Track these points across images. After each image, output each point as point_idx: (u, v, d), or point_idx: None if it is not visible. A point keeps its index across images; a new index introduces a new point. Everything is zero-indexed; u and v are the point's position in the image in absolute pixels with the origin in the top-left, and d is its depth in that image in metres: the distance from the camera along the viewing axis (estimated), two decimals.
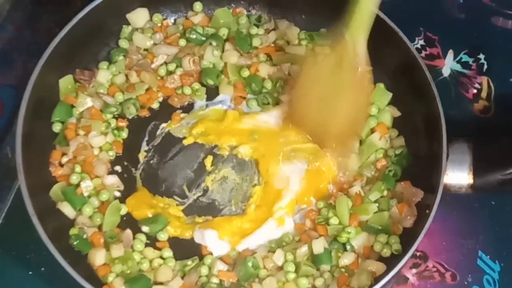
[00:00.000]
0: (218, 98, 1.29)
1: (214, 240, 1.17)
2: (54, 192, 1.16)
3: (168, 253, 1.16)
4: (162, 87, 1.27)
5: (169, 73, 1.28)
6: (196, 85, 1.28)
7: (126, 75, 1.27)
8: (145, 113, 1.26)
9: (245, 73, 1.27)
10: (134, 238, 1.15)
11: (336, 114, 1.14)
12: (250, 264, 1.12)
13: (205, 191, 1.22)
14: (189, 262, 1.15)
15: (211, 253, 1.16)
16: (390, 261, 1.10)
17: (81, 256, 1.13)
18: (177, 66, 1.28)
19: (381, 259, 1.14)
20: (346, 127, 1.17)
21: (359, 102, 1.15)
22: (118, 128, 1.24)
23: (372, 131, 1.23)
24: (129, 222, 1.18)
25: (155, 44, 1.30)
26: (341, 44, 1.10)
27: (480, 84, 1.40)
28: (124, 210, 1.18)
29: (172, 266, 1.14)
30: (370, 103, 1.21)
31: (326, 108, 1.14)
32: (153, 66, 1.28)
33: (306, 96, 1.16)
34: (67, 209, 1.15)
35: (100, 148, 1.22)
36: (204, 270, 1.14)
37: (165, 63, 1.29)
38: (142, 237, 1.16)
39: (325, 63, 1.13)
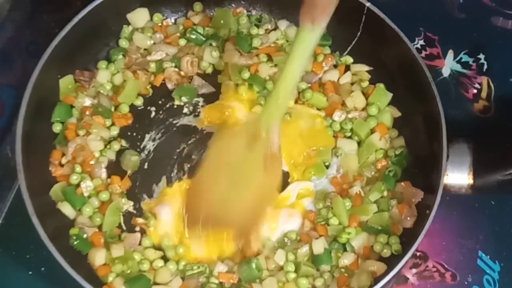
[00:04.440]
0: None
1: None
2: (54, 192, 1.16)
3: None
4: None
5: (162, 70, 1.27)
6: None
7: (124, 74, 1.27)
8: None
9: (246, 74, 1.27)
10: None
11: (240, 198, 1.06)
12: (253, 265, 1.12)
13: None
14: (194, 267, 1.13)
15: None
16: (390, 261, 1.11)
17: (81, 256, 1.13)
18: (175, 66, 1.28)
19: (381, 259, 1.14)
20: (249, 215, 1.08)
21: (265, 188, 1.07)
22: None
23: (372, 131, 1.23)
24: (129, 222, 1.18)
25: (155, 43, 1.30)
26: (255, 125, 1.05)
27: (480, 84, 1.40)
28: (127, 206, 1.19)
29: (174, 269, 1.14)
30: (277, 191, 1.14)
31: (230, 190, 1.06)
32: (148, 58, 1.28)
33: (212, 171, 1.09)
34: (67, 209, 1.15)
35: (100, 152, 1.21)
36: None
37: (161, 60, 1.28)
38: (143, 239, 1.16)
39: (236, 141, 1.07)
